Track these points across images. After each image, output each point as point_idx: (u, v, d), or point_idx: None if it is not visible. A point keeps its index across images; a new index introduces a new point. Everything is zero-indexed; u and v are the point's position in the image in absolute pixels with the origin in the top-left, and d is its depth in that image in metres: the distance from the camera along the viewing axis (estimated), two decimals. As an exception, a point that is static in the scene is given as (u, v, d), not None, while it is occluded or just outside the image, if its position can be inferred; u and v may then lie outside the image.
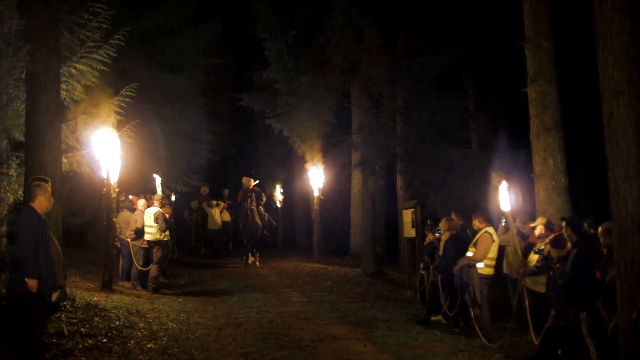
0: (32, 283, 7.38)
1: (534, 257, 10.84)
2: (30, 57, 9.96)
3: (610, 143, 7.10)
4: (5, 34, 10.35)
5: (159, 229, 15.29)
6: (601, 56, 7.20)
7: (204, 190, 25.21)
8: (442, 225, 13.24)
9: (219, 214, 24.50)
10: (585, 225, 9.83)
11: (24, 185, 8.44)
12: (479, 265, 11.41)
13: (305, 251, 26.96)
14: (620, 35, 7.01)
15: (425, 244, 14.78)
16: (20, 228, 7.54)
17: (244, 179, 22.13)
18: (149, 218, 15.32)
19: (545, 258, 10.11)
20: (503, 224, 12.99)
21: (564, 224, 9.39)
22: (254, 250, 21.67)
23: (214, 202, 24.74)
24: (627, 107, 6.91)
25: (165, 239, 15.65)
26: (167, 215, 15.67)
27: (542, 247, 10.35)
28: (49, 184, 8.12)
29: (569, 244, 9.16)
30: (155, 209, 15.41)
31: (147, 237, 15.31)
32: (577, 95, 21.69)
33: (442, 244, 13.10)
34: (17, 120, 11.02)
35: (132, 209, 15.80)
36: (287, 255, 24.43)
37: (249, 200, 21.17)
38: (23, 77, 10.99)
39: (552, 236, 10.08)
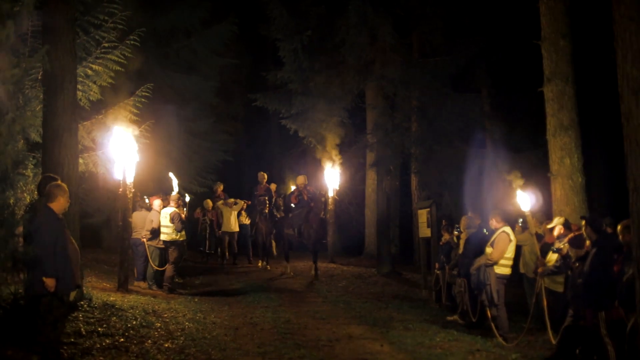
0: (50, 282, 7.40)
1: (552, 257, 10.79)
2: (47, 58, 10.00)
3: (629, 142, 7.04)
4: (23, 34, 10.41)
5: (175, 229, 15.32)
6: (620, 55, 7.15)
7: (218, 187, 23.35)
8: (463, 223, 13.21)
9: (235, 216, 22.21)
10: (603, 224, 9.78)
11: (39, 185, 8.47)
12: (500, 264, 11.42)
13: (320, 251, 26.94)
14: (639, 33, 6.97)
15: (441, 243, 14.77)
16: (38, 228, 7.55)
17: (299, 177, 20.54)
18: (165, 218, 15.36)
19: (564, 257, 10.06)
20: (520, 224, 12.93)
21: (583, 222, 9.33)
22: (316, 258, 19.15)
23: (232, 201, 22.35)
24: (646, 106, 6.86)
25: (181, 239, 15.66)
26: (182, 216, 15.68)
27: (561, 246, 10.30)
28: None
29: (587, 243, 9.13)
30: (171, 209, 15.44)
31: (163, 237, 15.35)
32: (592, 94, 21.60)
33: (462, 242, 13.06)
34: (34, 120, 11.07)
35: (148, 209, 15.84)
36: (302, 255, 24.37)
37: (302, 200, 19.70)
38: (39, 77, 11.05)
39: (570, 235, 10.04)
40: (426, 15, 20.80)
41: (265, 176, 22.03)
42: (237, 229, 22.30)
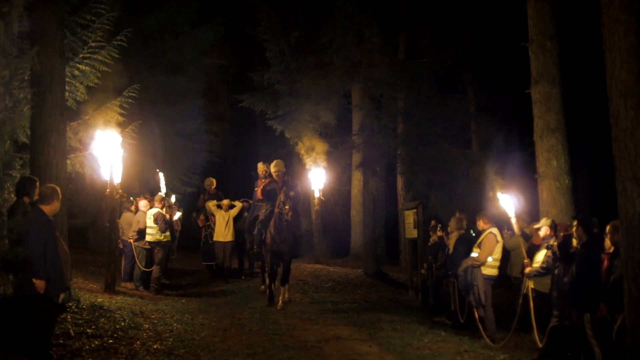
0: (40, 284, 7.39)
1: (538, 258, 10.81)
2: (37, 59, 9.96)
3: (617, 144, 7.10)
4: (10, 35, 10.35)
5: (159, 230, 15.28)
6: (608, 57, 7.20)
7: (209, 183, 19.84)
8: (452, 224, 13.25)
9: (231, 221, 18.25)
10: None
11: (17, 186, 8.45)
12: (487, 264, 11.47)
13: (306, 252, 26.91)
14: (628, 36, 7.02)
15: (429, 244, 14.81)
16: (28, 229, 7.54)
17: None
18: (149, 219, 15.33)
19: (555, 254, 10.08)
20: (507, 231, 12.89)
21: (575, 222, 9.37)
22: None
23: (227, 202, 18.41)
24: (634, 108, 6.91)
25: (165, 239, 15.59)
26: (167, 216, 15.63)
27: (552, 242, 10.32)
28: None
29: (575, 243, 9.21)
30: (155, 210, 15.40)
31: (148, 237, 15.31)
32: (577, 96, 21.73)
33: (452, 242, 13.08)
34: (22, 121, 11.01)
35: (132, 211, 15.81)
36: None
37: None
38: (26, 78, 10.99)
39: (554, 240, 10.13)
40: (413, 16, 20.84)
41: (267, 168, 16.14)
42: (231, 237, 18.22)
